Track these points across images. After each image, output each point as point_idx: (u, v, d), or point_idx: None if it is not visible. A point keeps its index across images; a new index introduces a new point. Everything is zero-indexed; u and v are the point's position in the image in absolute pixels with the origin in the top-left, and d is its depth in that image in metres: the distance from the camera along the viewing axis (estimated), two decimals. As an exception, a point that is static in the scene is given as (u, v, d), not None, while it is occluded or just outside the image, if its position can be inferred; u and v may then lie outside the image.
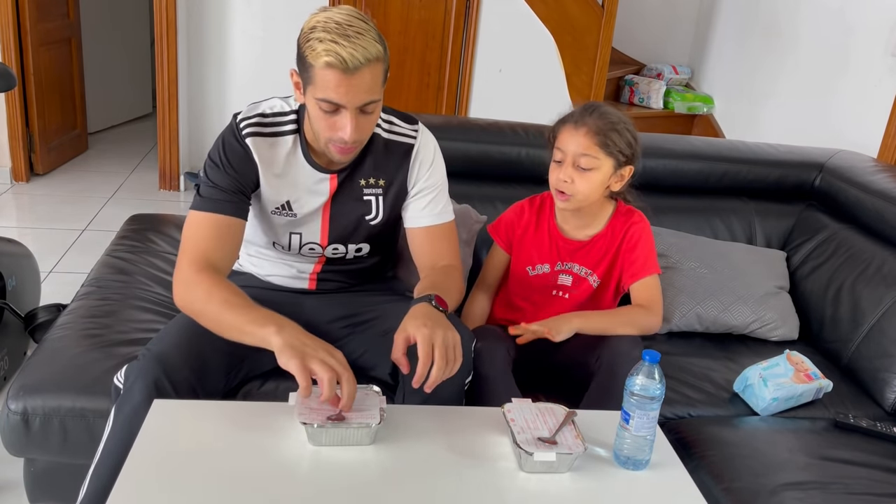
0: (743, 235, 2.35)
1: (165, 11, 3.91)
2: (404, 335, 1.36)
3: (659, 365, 1.28)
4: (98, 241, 3.44)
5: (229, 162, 1.53)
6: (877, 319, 2.00)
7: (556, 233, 1.83)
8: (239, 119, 1.57)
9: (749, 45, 4.36)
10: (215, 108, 4.24)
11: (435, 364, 1.32)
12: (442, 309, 1.44)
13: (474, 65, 4.25)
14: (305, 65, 1.42)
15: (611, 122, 1.69)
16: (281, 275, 1.72)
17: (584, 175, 1.70)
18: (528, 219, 1.86)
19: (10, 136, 4.00)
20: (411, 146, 1.64)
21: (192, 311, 1.46)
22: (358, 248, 1.69)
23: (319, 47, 1.37)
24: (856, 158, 2.40)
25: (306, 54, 1.41)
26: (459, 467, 1.26)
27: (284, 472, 1.20)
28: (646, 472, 1.30)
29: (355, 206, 1.64)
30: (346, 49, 1.36)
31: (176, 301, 1.48)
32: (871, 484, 1.54)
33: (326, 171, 1.60)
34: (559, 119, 1.78)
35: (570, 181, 1.70)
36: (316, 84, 1.41)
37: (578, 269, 1.83)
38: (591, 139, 1.68)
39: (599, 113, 1.71)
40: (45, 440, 1.59)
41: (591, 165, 1.69)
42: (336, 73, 1.38)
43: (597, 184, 1.72)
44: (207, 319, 1.43)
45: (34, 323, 2.28)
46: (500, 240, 1.88)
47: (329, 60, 1.37)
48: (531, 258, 1.84)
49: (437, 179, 1.67)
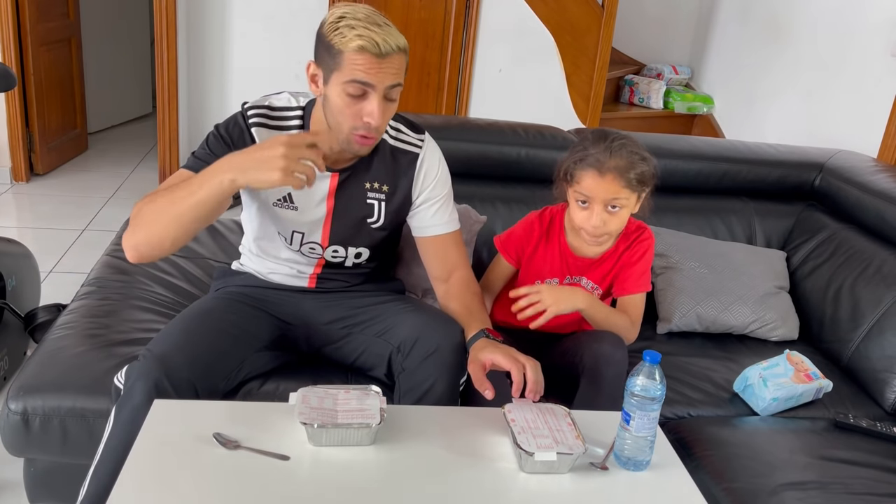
0: (743, 235, 2.35)
1: (165, 11, 3.90)
2: (478, 363, 1.45)
3: (659, 365, 1.28)
4: (98, 241, 3.44)
5: (231, 139, 1.56)
6: (877, 319, 2.00)
7: (566, 250, 1.82)
8: (247, 107, 1.59)
9: (749, 45, 4.35)
10: (215, 108, 4.24)
11: (528, 370, 1.41)
12: (497, 340, 1.53)
13: (474, 65, 4.25)
14: (332, 52, 1.44)
15: (631, 161, 1.65)
16: (280, 272, 1.72)
17: (615, 214, 1.68)
18: (538, 235, 1.83)
19: (10, 136, 4.00)
20: (416, 155, 1.65)
21: (144, 218, 1.44)
22: (357, 254, 1.69)
23: (351, 33, 1.41)
24: (856, 158, 2.40)
25: (333, 41, 1.43)
26: (459, 467, 1.26)
27: (284, 472, 1.20)
28: (646, 472, 1.30)
29: (358, 207, 1.64)
30: (379, 34, 1.41)
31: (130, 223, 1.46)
32: (871, 484, 1.54)
33: (328, 169, 1.61)
34: (576, 158, 1.69)
35: (604, 224, 1.68)
36: (344, 68, 1.43)
37: (586, 282, 1.82)
38: (619, 183, 1.65)
39: (618, 151, 1.66)
40: (45, 440, 1.59)
41: (622, 205, 1.68)
42: (368, 55, 1.41)
43: (626, 219, 1.72)
44: (162, 212, 1.42)
45: (34, 323, 2.28)
46: (508, 256, 1.86)
47: (362, 44, 1.41)
48: (541, 273, 1.83)
49: (443, 189, 1.69)
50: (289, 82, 1.54)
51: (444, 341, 1.54)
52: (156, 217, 1.42)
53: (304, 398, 1.30)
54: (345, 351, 1.70)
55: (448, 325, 1.59)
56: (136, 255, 1.47)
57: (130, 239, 1.45)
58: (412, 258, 1.89)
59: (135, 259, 1.48)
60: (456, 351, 1.55)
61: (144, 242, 1.44)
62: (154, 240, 1.44)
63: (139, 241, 1.44)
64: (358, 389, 1.35)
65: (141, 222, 1.44)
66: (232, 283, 1.75)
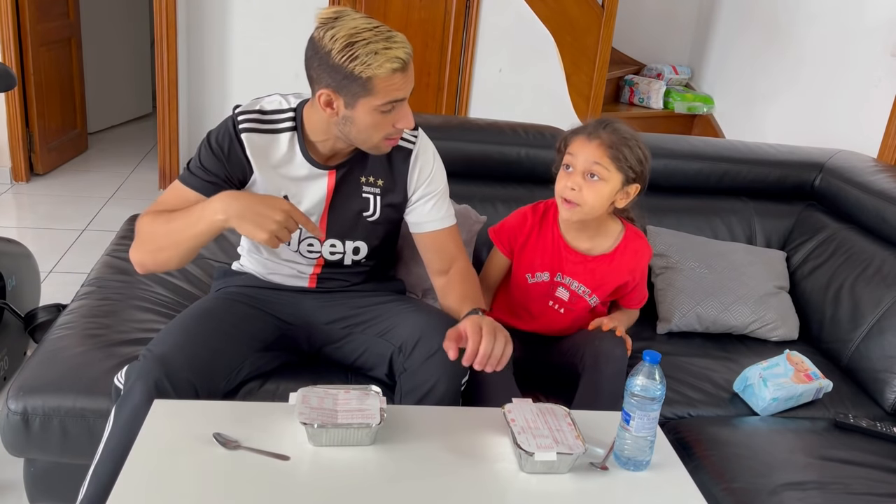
0: (743, 235, 2.35)
1: (165, 11, 3.90)
2: (456, 330, 1.45)
3: (659, 365, 1.28)
4: (98, 241, 3.44)
5: (220, 150, 1.57)
6: (877, 319, 2.00)
7: (559, 241, 1.82)
8: (237, 112, 1.59)
9: (749, 46, 4.36)
10: (215, 108, 4.23)
11: (483, 339, 1.41)
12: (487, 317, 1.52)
13: (474, 65, 4.25)
14: (359, 80, 1.42)
15: (624, 137, 1.69)
16: (281, 273, 1.73)
17: (593, 185, 1.68)
18: (530, 225, 1.84)
19: (10, 136, 4.00)
20: (410, 151, 1.66)
21: (146, 239, 1.53)
22: (356, 249, 1.69)
23: (378, 59, 1.40)
24: (856, 158, 2.40)
25: (356, 70, 1.41)
26: (459, 467, 1.26)
27: (284, 472, 1.20)
28: (646, 472, 1.30)
29: (355, 202, 1.65)
30: (400, 49, 1.43)
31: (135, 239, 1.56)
32: (871, 484, 1.54)
33: (324, 167, 1.61)
34: (572, 129, 1.77)
35: (578, 189, 1.69)
36: (378, 93, 1.44)
37: (577, 286, 1.82)
38: (603, 150, 1.67)
39: (613, 128, 1.70)
40: (45, 440, 1.59)
41: (601, 176, 1.67)
42: (399, 74, 1.44)
43: (604, 196, 1.70)
44: (163, 237, 1.51)
45: (34, 323, 2.28)
46: (501, 245, 1.87)
47: (395, 66, 1.42)
48: (532, 265, 1.83)
49: (438, 184, 1.69)
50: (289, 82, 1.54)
51: None
52: (157, 242, 1.52)
53: (304, 398, 1.30)
54: (345, 351, 1.70)
55: (450, 326, 1.59)
56: (143, 270, 1.59)
57: (136, 255, 1.56)
58: (412, 258, 1.89)
59: (143, 272, 1.60)
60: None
61: (150, 262, 1.57)
62: (159, 260, 1.56)
63: (145, 260, 1.56)
64: (358, 389, 1.35)
65: (144, 242, 1.54)
66: (232, 284, 1.75)
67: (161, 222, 1.52)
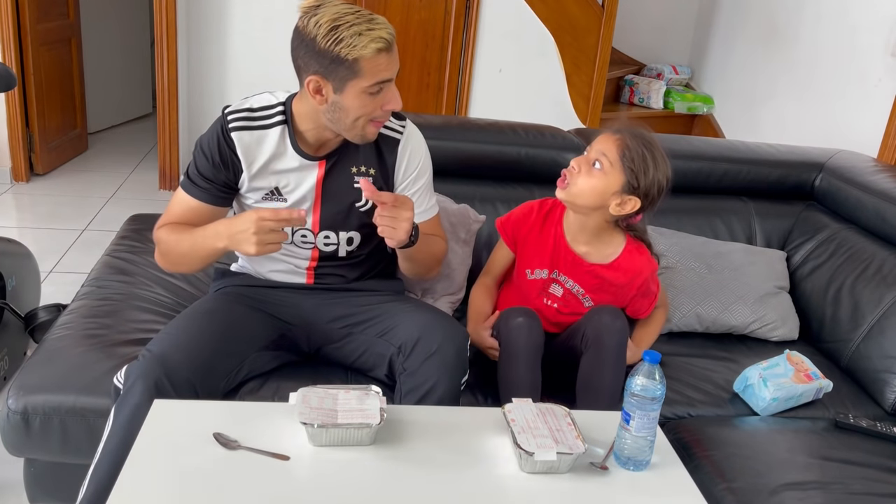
0: (743, 235, 2.35)
1: (165, 11, 3.90)
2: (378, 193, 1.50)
3: (659, 365, 1.28)
4: (98, 241, 3.44)
5: (212, 154, 1.61)
6: (877, 319, 2.00)
7: (560, 240, 1.82)
8: (227, 112, 1.61)
9: (749, 46, 4.35)
10: (215, 108, 4.23)
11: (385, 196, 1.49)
12: None
13: (474, 65, 4.25)
14: (345, 63, 1.45)
15: (646, 146, 1.68)
16: (278, 269, 1.73)
17: (590, 173, 1.69)
18: (534, 219, 1.85)
19: (10, 136, 4.00)
20: (398, 140, 1.68)
21: (164, 251, 1.65)
22: (349, 239, 1.70)
23: (361, 40, 1.43)
24: (856, 158, 2.40)
25: (342, 52, 1.44)
26: (459, 467, 1.26)
27: (284, 472, 1.20)
28: (646, 472, 1.30)
29: (346, 192, 1.66)
30: (383, 29, 1.46)
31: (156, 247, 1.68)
32: (871, 484, 1.54)
33: (314, 157, 1.63)
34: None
35: (577, 171, 1.70)
36: (365, 74, 1.46)
37: (572, 284, 1.82)
38: (616, 145, 1.68)
39: (643, 137, 1.70)
40: (45, 440, 1.59)
41: (603, 167, 1.68)
42: (384, 54, 1.46)
43: (595, 188, 1.69)
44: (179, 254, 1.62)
45: (34, 323, 2.28)
46: (505, 236, 1.88)
47: (379, 46, 1.44)
48: (532, 261, 1.83)
49: (425, 175, 1.73)
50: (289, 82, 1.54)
51: (446, 342, 1.55)
52: (172, 258, 1.65)
53: (304, 398, 1.30)
54: (345, 351, 1.70)
55: (450, 326, 1.59)
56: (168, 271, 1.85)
57: (160, 262, 1.70)
58: (412, 258, 1.89)
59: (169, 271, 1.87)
60: (458, 352, 1.55)
61: (172, 269, 1.78)
62: (180, 270, 1.83)
63: (167, 267, 1.73)
64: (358, 389, 1.35)
65: (164, 254, 1.66)
66: (231, 283, 1.75)
67: (173, 242, 1.61)
